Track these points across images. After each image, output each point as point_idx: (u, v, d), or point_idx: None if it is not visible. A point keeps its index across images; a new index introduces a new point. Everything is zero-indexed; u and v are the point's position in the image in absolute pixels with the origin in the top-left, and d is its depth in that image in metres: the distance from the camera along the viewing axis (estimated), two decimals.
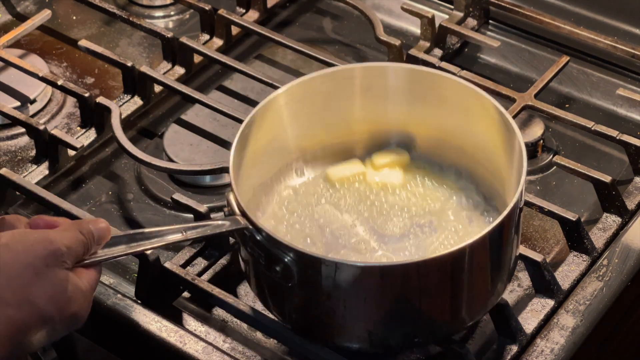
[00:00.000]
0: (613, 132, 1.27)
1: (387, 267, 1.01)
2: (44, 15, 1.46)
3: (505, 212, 1.01)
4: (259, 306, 1.10)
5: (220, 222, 1.04)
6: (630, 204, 1.23)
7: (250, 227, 1.02)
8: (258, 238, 1.01)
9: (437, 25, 1.43)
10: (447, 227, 1.12)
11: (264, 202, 1.15)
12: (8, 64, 1.39)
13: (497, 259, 1.04)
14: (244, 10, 1.50)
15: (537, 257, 1.13)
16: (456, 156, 1.16)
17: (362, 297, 1.00)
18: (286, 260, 1.00)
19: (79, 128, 1.35)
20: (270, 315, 1.09)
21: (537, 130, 1.32)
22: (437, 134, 1.17)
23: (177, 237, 1.03)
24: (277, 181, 1.17)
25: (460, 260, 1.00)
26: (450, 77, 1.14)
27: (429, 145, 1.18)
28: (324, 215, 1.13)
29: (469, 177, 1.16)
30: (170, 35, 1.41)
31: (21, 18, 1.51)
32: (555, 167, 1.29)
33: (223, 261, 1.19)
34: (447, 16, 1.48)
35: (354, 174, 1.17)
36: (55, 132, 1.29)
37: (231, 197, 1.04)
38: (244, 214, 1.02)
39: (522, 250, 1.13)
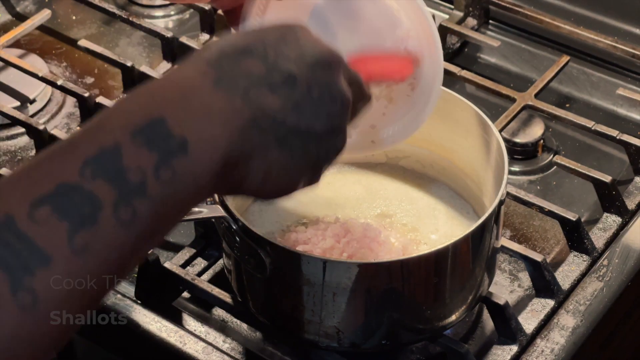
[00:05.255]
0: (613, 132, 1.27)
1: (350, 264, 1.00)
2: (44, 15, 1.46)
3: (489, 210, 1.02)
4: None
5: (198, 209, 1.04)
6: (631, 204, 1.23)
7: (227, 216, 1.02)
8: (234, 228, 1.02)
9: (437, 25, 1.43)
10: (427, 226, 1.13)
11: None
12: (8, 64, 1.39)
13: (479, 255, 1.04)
14: None
15: (537, 257, 1.13)
16: (435, 159, 1.17)
17: (331, 293, 1.00)
18: (259, 251, 1.00)
19: (78, 128, 1.35)
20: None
21: (537, 130, 1.32)
22: (420, 141, 1.17)
23: None
24: None
25: (444, 259, 1.01)
26: None
27: (411, 151, 1.19)
28: (316, 207, 1.15)
29: (449, 181, 1.17)
30: (170, 35, 1.41)
31: (21, 18, 1.51)
32: (555, 167, 1.29)
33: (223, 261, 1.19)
34: (447, 16, 1.48)
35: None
36: (55, 132, 1.29)
37: None
38: (222, 203, 1.03)
39: (522, 250, 1.14)
